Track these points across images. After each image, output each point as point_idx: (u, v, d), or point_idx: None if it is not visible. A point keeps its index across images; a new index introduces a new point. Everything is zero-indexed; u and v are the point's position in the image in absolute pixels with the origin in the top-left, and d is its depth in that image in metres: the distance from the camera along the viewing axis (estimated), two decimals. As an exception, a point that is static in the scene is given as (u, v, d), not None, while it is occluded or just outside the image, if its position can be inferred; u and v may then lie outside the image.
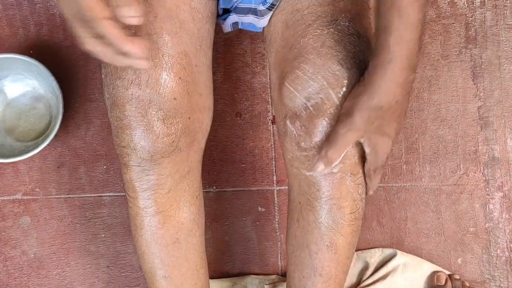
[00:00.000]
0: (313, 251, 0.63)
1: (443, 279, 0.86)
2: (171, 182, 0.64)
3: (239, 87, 0.92)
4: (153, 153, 0.60)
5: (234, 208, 0.92)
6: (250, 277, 0.90)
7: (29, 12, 0.91)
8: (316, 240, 0.62)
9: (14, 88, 0.90)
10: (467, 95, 0.91)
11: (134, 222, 0.66)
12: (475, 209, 0.91)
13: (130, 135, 0.60)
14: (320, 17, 0.60)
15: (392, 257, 0.88)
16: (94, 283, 0.91)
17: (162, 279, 0.67)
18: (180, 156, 0.63)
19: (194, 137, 0.64)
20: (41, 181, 0.91)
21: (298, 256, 0.65)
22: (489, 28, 0.91)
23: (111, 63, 0.49)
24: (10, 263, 0.91)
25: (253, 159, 0.92)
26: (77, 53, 0.91)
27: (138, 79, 0.58)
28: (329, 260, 0.63)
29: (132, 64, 0.48)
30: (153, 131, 0.59)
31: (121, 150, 0.62)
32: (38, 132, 0.90)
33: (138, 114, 0.59)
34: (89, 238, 0.91)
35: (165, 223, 0.65)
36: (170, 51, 0.59)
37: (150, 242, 0.65)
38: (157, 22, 0.59)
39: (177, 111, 0.60)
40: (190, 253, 0.68)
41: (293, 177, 0.64)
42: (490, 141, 0.91)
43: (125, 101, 0.59)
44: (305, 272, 0.64)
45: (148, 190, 0.63)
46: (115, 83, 0.59)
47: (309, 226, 0.63)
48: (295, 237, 0.65)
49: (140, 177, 0.62)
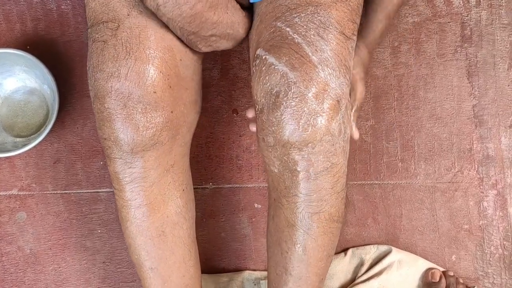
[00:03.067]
0: (284, 249, 0.62)
1: (438, 275, 0.87)
2: (155, 175, 0.64)
3: (236, 84, 0.92)
4: (133, 146, 0.60)
5: (230, 204, 0.92)
6: (246, 272, 0.91)
7: (26, 7, 0.91)
8: (286, 239, 0.62)
9: (6, 85, 0.90)
10: (462, 93, 0.92)
11: (120, 214, 0.67)
12: (470, 206, 0.92)
13: (111, 127, 0.60)
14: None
15: (387, 253, 0.89)
16: (90, 278, 0.91)
17: (149, 271, 0.68)
18: (163, 149, 0.63)
19: (177, 131, 0.64)
20: (38, 177, 0.91)
21: (272, 253, 0.65)
22: (484, 27, 0.92)
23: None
24: (6, 258, 0.91)
25: (249, 156, 0.92)
26: (74, 49, 0.91)
27: (118, 72, 0.58)
28: (298, 260, 0.62)
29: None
30: (132, 123, 0.59)
31: (103, 142, 0.62)
32: (37, 125, 0.90)
33: (117, 106, 0.59)
34: (85, 233, 0.91)
35: (150, 216, 0.66)
36: (152, 45, 0.60)
37: (136, 234, 0.66)
38: (142, 17, 0.60)
39: (158, 105, 0.60)
40: (176, 246, 0.69)
41: (267, 174, 0.63)
42: (485, 139, 0.92)
43: (105, 93, 0.59)
44: (278, 269, 0.64)
45: (132, 183, 0.63)
46: (96, 76, 0.60)
47: (281, 223, 0.62)
48: (270, 233, 0.65)
49: (123, 169, 0.63)
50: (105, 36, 0.59)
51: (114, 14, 0.60)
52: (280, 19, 0.57)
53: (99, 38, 0.60)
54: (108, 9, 0.60)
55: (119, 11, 0.60)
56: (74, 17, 0.91)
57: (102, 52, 0.59)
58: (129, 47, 0.59)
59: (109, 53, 0.59)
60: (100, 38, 0.60)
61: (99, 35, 0.60)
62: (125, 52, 0.59)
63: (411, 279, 0.89)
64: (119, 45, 0.59)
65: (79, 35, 0.91)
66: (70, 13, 0.91)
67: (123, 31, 0.59)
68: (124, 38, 0.59)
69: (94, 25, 0.61)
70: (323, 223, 0.60)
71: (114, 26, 0.59)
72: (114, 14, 0.60)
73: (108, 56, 0.59)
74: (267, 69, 0.56)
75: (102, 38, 0.59)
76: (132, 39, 0.59)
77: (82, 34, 0.91)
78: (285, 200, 0.61)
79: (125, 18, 0.59)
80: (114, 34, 0.59)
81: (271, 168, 0.61)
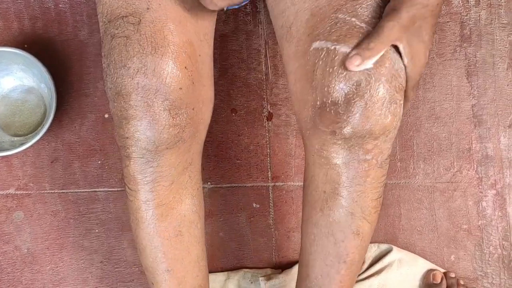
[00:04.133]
0: (339, 239, 0.62)
1: (439, 277, 0.87)
2: (174, 173, 0.63)
3: (234, 83, 0.92)
4: (158, 144, 0.59)
5: (229, 204, 0.92)
6: (243, 270, 0.90)
7: (23, 6, 0.90)
8: (343, 228, 0.62)
9: (3, 84, 0.89)
10: (461, 93, 0.92)
11: (135, 216, 0.65)
12: (468, 206, 0.91)
13: (135, 125, 0.58)
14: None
15: (387, 252, 0.89)
16: (88, 278, 0.91)
17: (165, 273, 0.66)
18: (184, 147, 0.62)
19: (197, 128, 0.63)
20: (35, 176, 0.91)
21: (321, 245, 0.64)
22: (483, 27, 0.92)
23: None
24: (3, 258, 0.91)
25: (248, 155, 0.92)
26: (71, 48, 0.91)
27: (144, 68, 0.57)
28: (355, 247, 0.63)
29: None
30: (159, 121, 0.58)
31: (124, 141, 0.60)
32: (35, 124, 0.90)
33: (144, 103, 0.58)
34: (83, 233, 0.91)
35: (168, 216, 0.64)
36: (175, 40, 0.58)
37: (153, 235, 0.64)
38: (161, 10, 0.59)
39: (183, 102, 0.59)
40: (192, 245, 0.68)
41: (318, 167, 0.62)
42: (484, 139, 0.92)
43: (130, 90, 0.57)
44: (328, 260, 0.64)
45: (151, 183, 0.62)
46: (119, 72, 0.58)
47: (335, 214, 0.62)
48: (317, 226, 0.64)
49: (143, 169, 0.61)
50: (127, 31, 0.58)
51: (134, 8, 0.58)
52: (340, 11, 0.57)
53: (120, 34, 0.58)
54: (126, 3, 0.59)
55: (138, 5, 0.58)
56: (72, 15, 0.90)
57: (125, 47, 0.57)
58: (154, 42, 0.57)
59: (134, 49, 0.57)
60: (121, 34, 0.58)
61: (119, 31, 0.58)
62: (151, 48, 0.57)
63: (411, 279, 0.89)
64: (143, 40, 0.57)
65: (76, 34, 0.91)
66: (68, 12, 0.90)
67: (146, 26, 0.58)
68: (148, 33, 0.57)
69: (111, 20, 0.59)
70: (377, 207, 0.63)
71: (135, 20, 0.58)
72: (133, 8, 0.58)
73: (132, 51, 0.57)
74: (340, 59, 0.55)
75: (124, 34, 0.58)
76: (156, 34, 0.58)
77: (79, 33, 0.90)
78: (346, 191, 0.60)
79: (145, 12, 0.58)
80: (136, 29, 0.58)
81: (333, 161, 0.60)
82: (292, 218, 0.92)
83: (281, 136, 0.92)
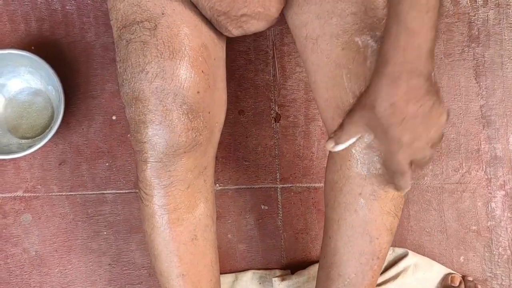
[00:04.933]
0: (374, 236, 0.63)
1: (458, 280, 0.87)
2: (191, 177, 0.63)
3: (242, 84, 0.92)
4: (176, 147, 0.59)
5: (237, 206, 0.92)
6: (251, 271, 0.90)
7: (30, 8, 0.90)
8: (378, 226, 0.63)
9: (11, 86, 0.89)
10: (469, 93, 0.92)
11: (150, 221, 0.64)
12: (477, 207, 0.91)
13: (154, 129, 0.58)
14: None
15: (403, 256, 0.89)
16: (96, 281, 0.91)
17: (180, 278, 0.66)
18: (200, 151, 0.62)
19: (212, 132, 0.64)
20: (43, 178, 0.90)
21: (356, 245, 0.64)
22: (491, 27, 0.92)
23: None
24: (11, 260, 0.90)
25: (256, 156, 0.92)
26: (78, 49, 0.90)
27: (163, 72, 0.57)
28: (387, 242, 0.65)
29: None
30: (177, 125, 0.58)
31: (141, 146, 0.60)
32: (42, 126, 0.90)
33: (163, 108, 0.58)
34: (91, 235, 0.91)
35: (184, 220, 0.64)
36: (191, 44, 0.59)
37: (169, 240, 0.64)
38: (176, 15, 0.59)
39: (200, 105, 0.59)
40: (207, 249, 0.68)
41: (357, 171, 0.63)
42: (493, 140, 0.91)
43: (149, 95, 0.57)
44: (363, 258, 0.65)
45: (167, 187, 0.62)
46: (137, 77, 0.58)
47: (372, 214, 0.63)
48: (352, 227, 0.64)
49: (160, 173, 0.61)
50: (143, 37, 0.58)
51: (149, 14, 0.58)
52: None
53: (136, 39, 0.58)
54: (140, 9, 0.59)
55: (152, 10, 0.58)
56: (79, 17, 0.90)
57: (143, 52, 0.58)
58: (171, 47, 0.58)
59: (152, 54, 0.57)
60: (137, 39, 0.58)
61: (135, 36, 0.58)
62: (169, 52, 0.57)
63: (428, 284, 0.89)
64: (161, 45, 0.58)
65: (83, 35, 0.90)
66: (75, 14, 0.90)
67: (162, 31, 0.58)
68: (164, 37, 0.58)
69: (126, 26, 0.60)
70: (403, 203, 0.66)
71: (151, 26, 0.58)
72: (148, 14, 0.58)
73: (150, 56, 0.57)
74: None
75: (140, 39, 0.58)
76: (173, 39, 0.58)
77: (87, 35, 0.90)
78: (383, 192, 0.62)
79: (160, 17, 0.58)
80: (153, 34, 0.58)
81: (375, 166, 0.60)
82: (301, 219, 0.91)
83: (289, 137, 0.91)
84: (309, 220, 0.91)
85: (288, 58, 0.91)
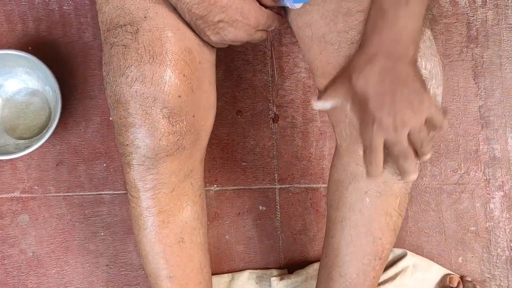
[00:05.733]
0: (377, 236, 0.64)
1: (456, 281, 0.87)
2: (175, 180, 0.63)
3: (240, 85, 0.91)
4: (157, 151, 0.59)
5: (235, 206, 0.91)
6: (248, 271, 0.90)
7: (27, 8, 0.90)
8: (382, 226, 0.63)
9: (8, 86, 0.89)
10: (468, 94, 0.91)
11: (137, 223, 0.65)
12: (476, 208, 0.91)
13: (134, 133, 0.59)
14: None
15: (402, 257, 0.88)
16: (93, 282, 0.91)
17: (167, 279, 0.66)
18: (185, 154, 0.62)
19: (198, 136, 0.63)
20: (40, 179, 0.90)
21: (359, 245, 0.64)
22: (490, 27, 0.91)
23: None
24: (8, 261, 0.90)
25: (254, 157, 0.91)
26: (76, 50, 0.90)
27: (142, 77, 0.57)
28: (390, 242, 0.65)
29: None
30: (157, 129, 0.58)
31: (124, 148, 0.61)
32: (39, 127, 0.89)
33: (143, 111, 0.58)
34: (88, 236, 0.91)
35: (170, 223, 0.65)
36: (173, 48, 0.59)
37: (155, 242, 0.65)
38: (158, 18, 0.59)
39: (182, 109, 0.59)
40: (195, 252, 0.68)
41: (361, 170, 0.64)
42: (491, 141, 0.91)
43: (129, 98, 0.58)
44: (366, 259, 0.65)
45: (151, 190, 0.62)
46: (118, 80, 0.58)
47: (376, 213, 0.63)
48: (356, 227, 0.64)
49: (143, 176, 0.61)
50: (125, 40, 0.58)
51: (131, 18, 0.58)
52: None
53: (119, 42, 0.58)
54: (123, 12, 0.59)
55: (135, 14, 0.58)
56: (76, 17, 0.90)
57: (124, 56, 0.58)
58: (152, 50, 0.58)
59: (132, 57, 0.58)
60: (119, 42, 0.58)
61: (117, 39, 0.59)
62: (149, 56, 0.57)
63: (426, 285, 0.88)
64: (141, 49, 0.58)
65: (81, 36, 0.90)
66: (72, 14, 0.90)
67: (144, 35, 0.58)
68: (145, 41, 0.58)
69: (110, 29, 0.60)
70: (408, 202, 0.66)
71: (133, 29, 0.58)
72: (131, 17, 0.59)
73: (131, 60, 0.58)
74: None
75: (122, 42, 0.58)
76: (154, 42, 0.58)
77: (84, 35, 0.90)
78: (391, 191, 0.62)
79: (142, 20, 0.58)
80: (134, 37, 0.58)
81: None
82: (299, 220, 0.91)
83: (287, 138, 0.91)
84: (307, 221, 0.91)
85: (286, 59, 0.91)
